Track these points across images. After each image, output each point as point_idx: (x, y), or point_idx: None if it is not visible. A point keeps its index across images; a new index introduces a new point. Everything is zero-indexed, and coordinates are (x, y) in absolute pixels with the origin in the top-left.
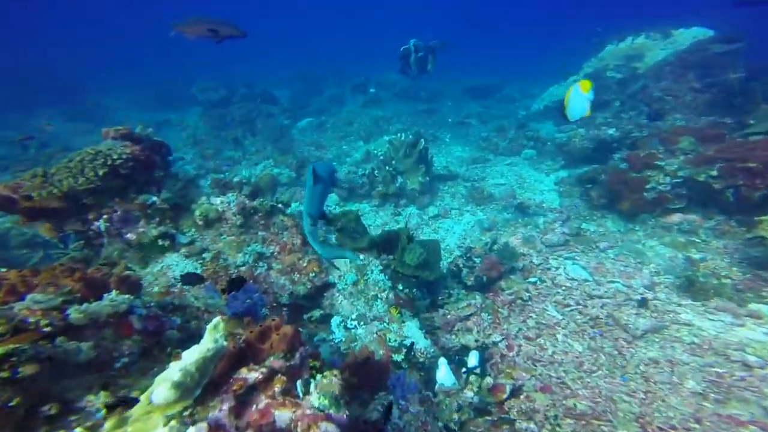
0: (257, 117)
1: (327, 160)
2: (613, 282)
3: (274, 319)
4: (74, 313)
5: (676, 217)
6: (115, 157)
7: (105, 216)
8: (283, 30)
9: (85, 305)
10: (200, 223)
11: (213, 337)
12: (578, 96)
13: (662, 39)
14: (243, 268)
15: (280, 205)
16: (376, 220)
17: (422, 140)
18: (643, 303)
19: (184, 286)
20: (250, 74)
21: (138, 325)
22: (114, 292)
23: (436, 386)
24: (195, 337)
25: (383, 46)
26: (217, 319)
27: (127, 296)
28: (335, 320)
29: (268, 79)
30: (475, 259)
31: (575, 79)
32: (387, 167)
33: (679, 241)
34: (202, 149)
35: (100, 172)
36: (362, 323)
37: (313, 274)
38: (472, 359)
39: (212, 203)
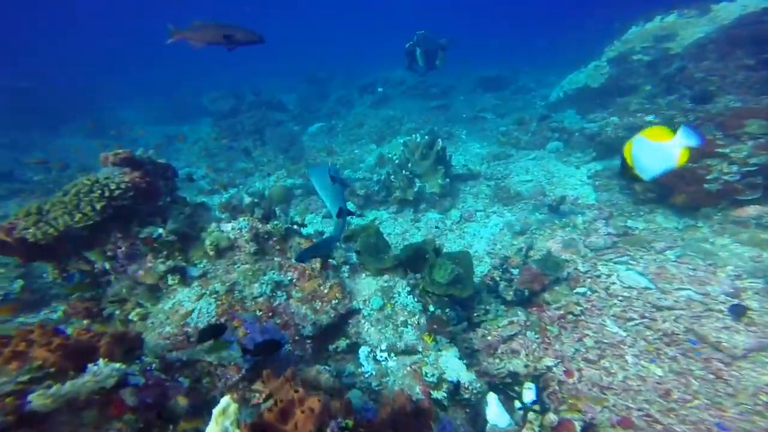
0: (266, 126)
1: (322, 163)
2: (682, 289)
3: (297, 390)
4: (38, 399)
5: (751, 210)
6: (113, 187)
7: (108, 254)
8: (284, 30)
9: (55, 387)
10: (212, 253)
11: (221, 428)
12: (649, 147)
13: (699, 16)
14: (260, 299)
15: (295, 227)
16: (396, 228)
17: (439, 140)
18: (735, 313)
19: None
20: (255, 77)
21: (132, 400)
22: (101, 362)
23: (488, 427)
24: (206, 405)
25: (386, 44)
26: (225, 400)
27: (117, 366)
28: (363, 351)
29: (274, 83)
30: (513, 271)
31: (597, 64)
32: (403, 171)
33: (762, 238)
34: (214, 162)
35: (98, 206)
36: (393, 354)
37: (336, 301)
38: (529, 393)
39: (223, 230)
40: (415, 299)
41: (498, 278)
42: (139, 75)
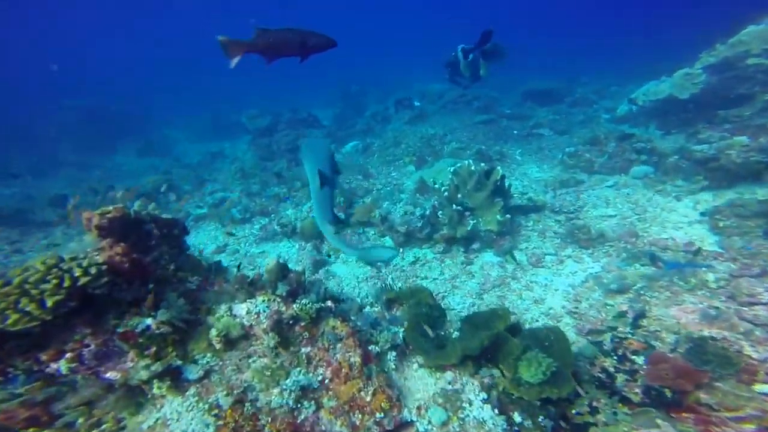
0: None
1: (319, 136)
2: None
3: None
4: None
5: None
6: (78, 273)
7: (69, 355)
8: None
9: None
10: (219, 346)
11: None
12: None
13: None
14: (280, 413)
15: (329, 303)
16: (443, 272)
17: (498, 168)
18: None
19: None
20: (291, 93)
21: None
22: None
23: None
24: None
25: (421, 56)
26: None
27: None
28: None
29: (310, 99)
30: (635, 357)
31: (688, 72)
32: (453, 205)
33: None
34: (248, 185)
35: (50, 302)
36: None
37: (381, 415)
38: None
39: (235, 315)
40: (495, 410)
41: (612, 368)
42: (184, 93)
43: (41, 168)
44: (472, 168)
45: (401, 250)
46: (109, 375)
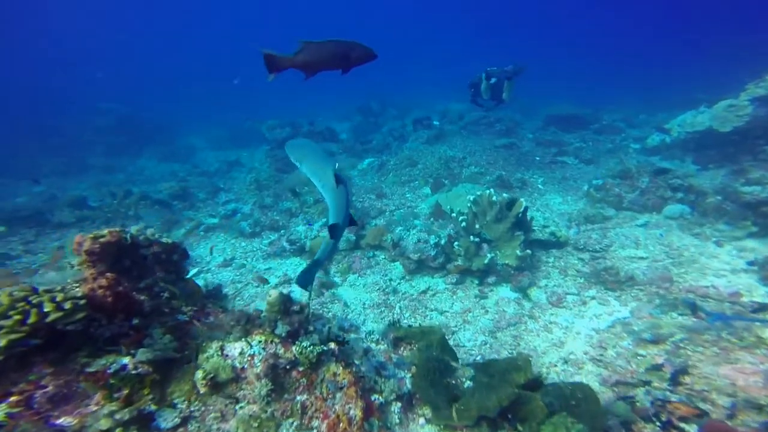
0: None
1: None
2: None
3: None
4: None
5: None
6: (48, 308)
7: (13, 399)
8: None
9: None
10: (204, 389)
11: None
12: None
13: None
14: None
15: (333, 346)
16: (454, 304)
17: (521, 200)
18: None
19: None
20: (312, 106)
21: None
22: None
23: None
24: None
25: (441, 75)
26: None
27: None
28: None
29: (328, 113)
30: (684, 426)
31: (732, 104)
32: (471, 236)
33: None
34: (262, 197)
35: (3, 341)
36: None
37: None
38: None
39: (227, 355)
40: None
41: None
42: (208, 101)
43: (70, 169)
44: (494, 198)
45: (410, 277)
46: (61, 421)
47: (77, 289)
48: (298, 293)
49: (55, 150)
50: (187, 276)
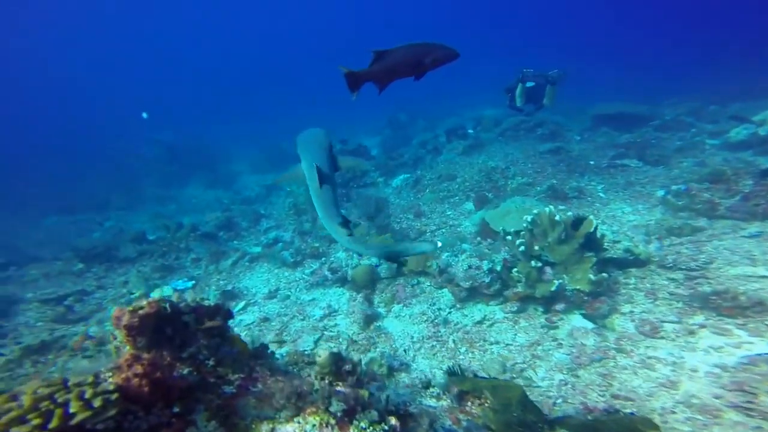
0: (351, 178)
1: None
2: None
3: None
4: None
5: None
6: (74, 408)
7: None
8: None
9: None
10: None
11: None
12: None
13: None
14: None
15: (393, 423)
16: (517, 336)
17: (591, 219)
18: None
19: None
20: (340, 122)
21: None
22: None
23: None
24: None
25: (472, 79)
26: None
27: None
28: None
29: (358, 127)
30: None
31: None
32: (531, 261)
33: None
34: (301, 223)
35: None
36: None
37: None
38: None
39: None
40: None
41: None
42: (244, 125)
43: (131, 203)
44: (557, 218)
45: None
46: None
47: (109, 380)
48: (343, 320)
49: (118, 184)
50: (235, 310)
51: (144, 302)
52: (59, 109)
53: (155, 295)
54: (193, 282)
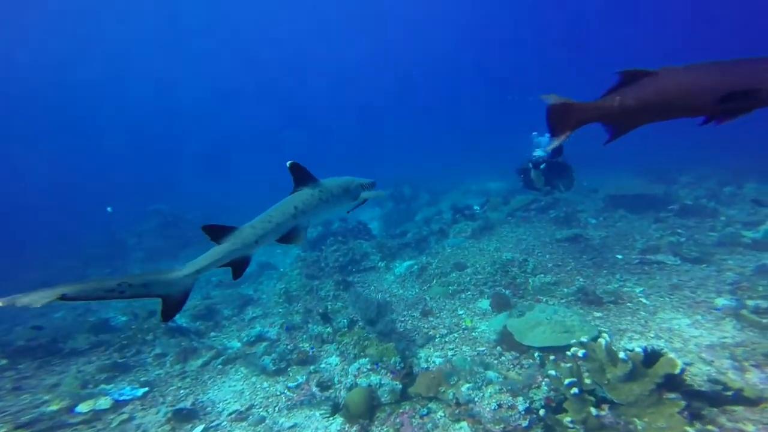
0: (350, 263)
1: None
2: None
3: None
4: None
5: None
6: None
7: None
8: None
9: None
10: None
11: None
12: None
13: None
14: None
15: None
16: None
17: (671, 356)
18: None
19: None
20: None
21: None
22: None
23: None
24: None
25: (469, 149)
26: None
27: None
28: None
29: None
30: None
31: None
32: (591, 408)
33: None
34: (291, 314)
35: None
36: None
37: None
38: None
39: None
40: None
41: None
42: (245, 194)
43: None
44: (621, 356)
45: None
46: None
47: None
48: None
49: (101, 257)
50: None
51: None
52: (63, 176)
53: (84, 408)
54: (146, 390)
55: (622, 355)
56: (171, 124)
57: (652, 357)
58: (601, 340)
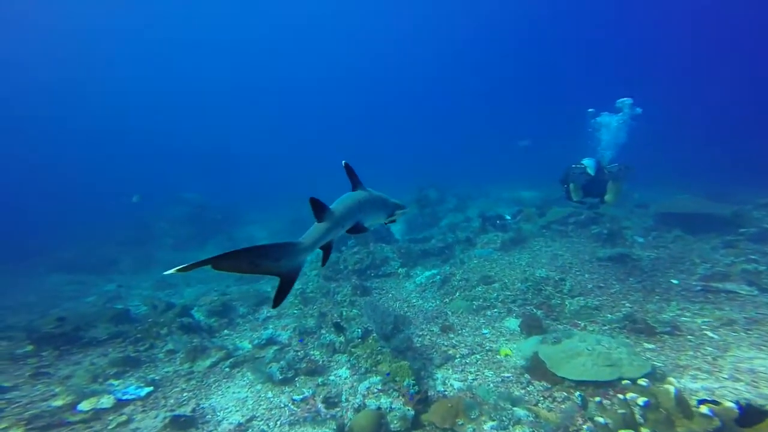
0: (369, 267)
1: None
2: None
3: None
4: None
5: None
6: None
7: None
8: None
9: None
10: None
11: None
12: None
13: None
14: None
15: None
16: None
17: (732, 404)
18: None
19: None
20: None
21: None
22: None
23: None
24: None
25: (507, 153)
26: None
27: None
28: None
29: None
30: None
31: None
32: None
33: None
34: (305, 317)
35: None
36: None
37: None
38: None
39: None
40: None
41: None
42: (265, 191)
43: (140, 265)
44: (704, 411)
45: None
46: None
47: None
48: None
49: (132, 243)
50: None
51: None
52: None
53: (86, 406)
54: (150, 390)
55: (704, 410)
56: (197, 121)
57: (752, 415)
58: (670, 387)
